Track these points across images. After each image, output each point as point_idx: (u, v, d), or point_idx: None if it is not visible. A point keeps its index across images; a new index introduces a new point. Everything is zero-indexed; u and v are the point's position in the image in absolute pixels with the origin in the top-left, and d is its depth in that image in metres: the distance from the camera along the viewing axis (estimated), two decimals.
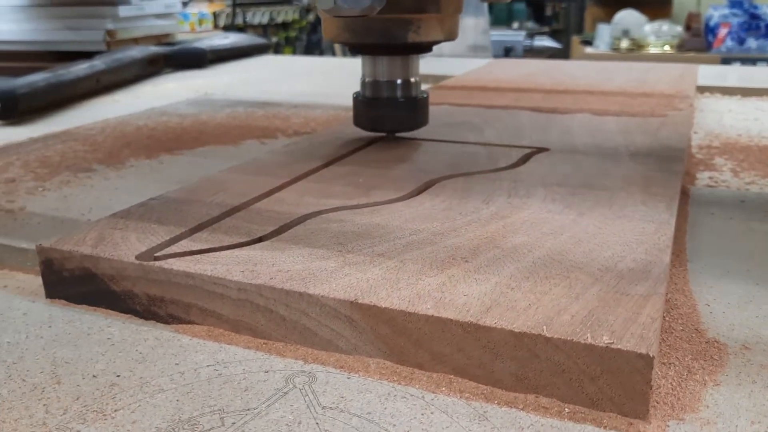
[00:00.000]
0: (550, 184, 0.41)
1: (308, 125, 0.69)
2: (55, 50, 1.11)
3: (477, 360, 0.25)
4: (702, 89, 0.83)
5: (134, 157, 0.57)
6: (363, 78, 0.51)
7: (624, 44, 2.93)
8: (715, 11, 2.84)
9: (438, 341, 0.26)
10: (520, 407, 0.24)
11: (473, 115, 0.61)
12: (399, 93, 0.50)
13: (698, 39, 2.87)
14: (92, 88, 0.87)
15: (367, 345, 0.27)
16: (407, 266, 0.30)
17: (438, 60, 1.14)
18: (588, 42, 3.23)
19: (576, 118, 0.59)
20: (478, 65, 1.00)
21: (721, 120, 0.69)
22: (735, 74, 0.97)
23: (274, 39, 3.38)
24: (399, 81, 0.50)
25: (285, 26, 3.59)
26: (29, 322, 0.31)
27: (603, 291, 0.27)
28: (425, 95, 0.52)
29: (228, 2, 3.21)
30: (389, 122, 0.51)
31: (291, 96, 0.86)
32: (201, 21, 2.97)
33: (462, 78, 0.86)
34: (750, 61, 2.56)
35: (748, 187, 0.47)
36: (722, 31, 2.76)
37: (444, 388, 0.25)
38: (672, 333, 0.28)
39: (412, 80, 0.50)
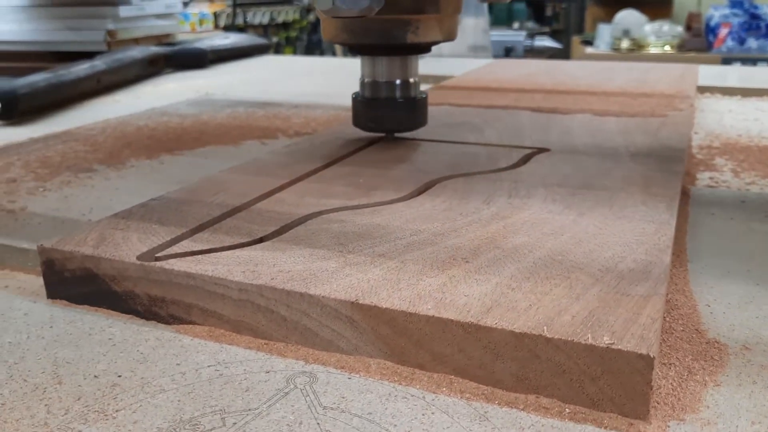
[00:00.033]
0: (551, 185, 0.41)
1: (309, 125, 0.69)
2: (56, 50, 1.11)
3: (478, 360, 0.25)
4: (702, 89, 0.83)
5: (135, 158, 0.57)
6: (362, 78, 0.51)
7: (624, 44, 2.93)
8: (716, 11, 2.84)
9: (439, 342, 0.26)
10: (521, 407, 0.24)
11: (474, 116, 0.61)
12: (398, 93, 0.50)
13: (699, 39, 2.87)
14: (93, 89, 0.87)
15: (368, 345, 0.27)
16: (408, 267, 0.30)
17: (438, 60, 1.14)
18: (588, 42, 3.24)
19: (576, 119, 0.59)
20: (479, 65, 1.00)
21: (722, 120, 0.69)
22: (735, 74, 0.97)
23: (275, 39, 3.38)
24: (398, 81, 0.50)
25: (285, 26, 3.59)
26: (30, 323, 0.31)
27: (603, 291, 0.27)
28: (424, 95, 0.52)
29: (228, 2, 3.21)
30: (388, 122, 0.51)
31: (291, 96, 0.86)
32: (201, 21, 2.97)
33: (462, 78, 0.86)
34: (750, 61, 2.56)
35: (749, 188, 0.47)
36: (723, 31, 2.76)
37: (445, 389, 0.25)
38: (672, 333, 0.28)
39: (411, 81, 0.50)
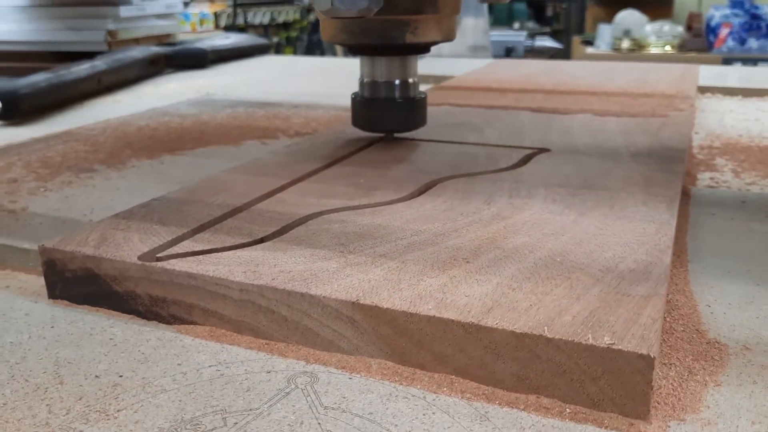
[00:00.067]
0: (551, 185, 0.41)
1: (309, 125, 0.69)
2: (57, 50, 1.11)
3: (478, 360, 0.25)
4: (703, 89, 0.83)
5: (136, 158, 0.57)
6: (361, 78, 0.51)
7: (625, 44, 2.93)
8: (717, 11, 2.84)
9: (439, 342, 0.26)
10: (522, 408, 0.24)
11: (474, 116, 0.61)
12: (397, 93, 0.50)
13: (699, 39, 2.87)
14: (94, 89, 0.87)
15: (369, 345, 0.27)
16: (409, 267, 0.30)
17: (438, 60, 1.14)
18: (589, 42, 3.24)
19: (577, 119, 0.59)
20: (479, 65, 1.00)
21: (722, 120, 0.69)
22: (736, 75, 0.97)
23: (275, 39, 3.38)
24: (397, 82, 0.50)
25: (286, 26, 3.59)
26: (32, 323, 0.31)
27: (604, 292, 0.27)
28: (423, 96, 0.52)
29: (229, 2, 3.21)
30: (387, 123, 0.51)
31: (292, 96, 0.86)
32: (202, 21, 2.97)
33: (463, 78, 0.86)
34: (751, 62, 2.56)
35: (749, 188, 0.47)
36: (723, 32, 2.76)
37: (445, 389, 0.25)
38: (673, 334, 0.29)
39: (410, 81, 0.51)
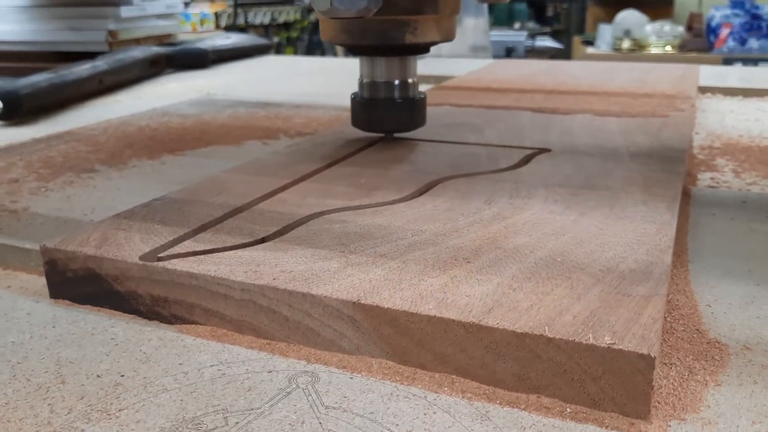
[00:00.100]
0: (552, 185, 0.41)
1: (310, 125, 0.69)
2: (58, 51, 1.11)
3: (479, 360, 0.25)
4: (703, 90, 0.83)
5: (136, 158, 0.57)
6: (361, 79, 0.51)
7: (625, 44, 2.93)
8: (717, 11, 2.84)
9: (440, 341, 0.26)
10: (522, 407, 0.24)
11: (475, 116, 0.61)
12: (396, 94, 0.50)
13: (700, 39, 2.87)
14: (94, 89, 0.87)
15: (370, 345, 0.27)
16: (409, 267, 0.30)
17: (439, 60, 1.14)
18: (589, 42, 3.24)
19: (577, 119, 0.59)
20: (479, 66, 1.00)
21: (723, 120, 0.69)
22: (736, 75, 0.97)
23: (276, 39, 3.38)
24: (396, 82, 0.50)
25: (286, 26, 3.60)
26: (33, 322, 0.31)
27: (604, 292, 0.27)
28: (423, 96, 0.52)
29: (229, 2, 3.21)
30: (386, 123, 0.51)
31: (293, 96, 0.86)
32: (203, 21, 2.98)
33: (463, 78, 0.86)
34: (751, 62, 2.56)
35: (750, 188, 0.47)
36: (724, 32, 2.76)
37: (446, 388, 0.25)
38: (673, 333, 0.29)
39: (410, 81, 0.51)
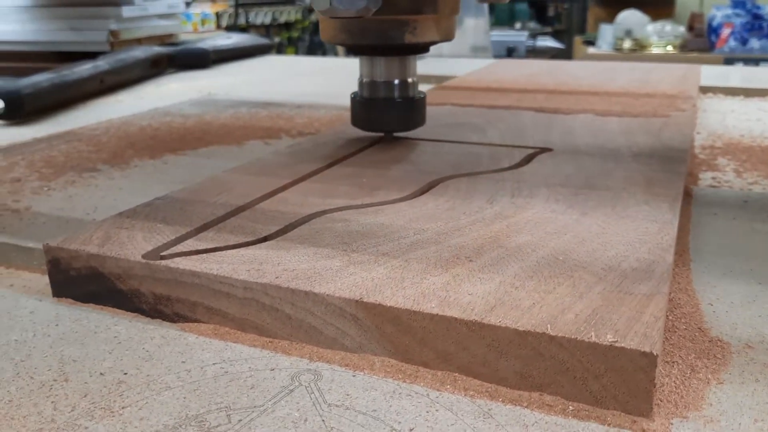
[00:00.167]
0: (554, 185, 0.41)
1: (312, 125, 0.69)
2: (59, 51, 1.12)
3: (481, 358, 0.25)
4: (705, 90, 0.83)
5: (138, 158, 0.57)
6: (360, 78, 0.51)
7: (627, 44, 2.93)
8: (718, 11, 2.84)
9: (443, 340, 0.26)
10: (525, 405, 0.24)
11: (476, 116, 0.61)
12: (396, 93, 0.50)
13: (701, 39, 2.87)
14: (96, 89, 0.87)
15: (373, 343, 0.27)
16: (412, 265, 0.30)
17: (440, 60, 1.14)
18: (591, 42, 3.24)
19: (579, 119, 0.59)
20: (480, 66, 1.00)
21: (724, 120, 0.69)
22: (738, 75, 0.97)
23: (277, 39, 3.38)
24: (396, 81, 0.50)
25: (288, 26, 3.60)
26: (36, 321, 0.31)
27: (607, 290, 0.27)
28: (422, 95, 0.52)
29: (231, 2, 3.22)
30: (386, 122, 0.51)
31: (294, 96, 0.86)
32: (204, 21, 2.98)
33: (464, 78, 0.86)
34: (753, 62, 2.56)
35: (751, 188, 0.47)
36: (725, 32, 2.76)
37: (449, 386, 0.25)
38: (675, 332, 0.29)
39: (409, 81, 0.51)
